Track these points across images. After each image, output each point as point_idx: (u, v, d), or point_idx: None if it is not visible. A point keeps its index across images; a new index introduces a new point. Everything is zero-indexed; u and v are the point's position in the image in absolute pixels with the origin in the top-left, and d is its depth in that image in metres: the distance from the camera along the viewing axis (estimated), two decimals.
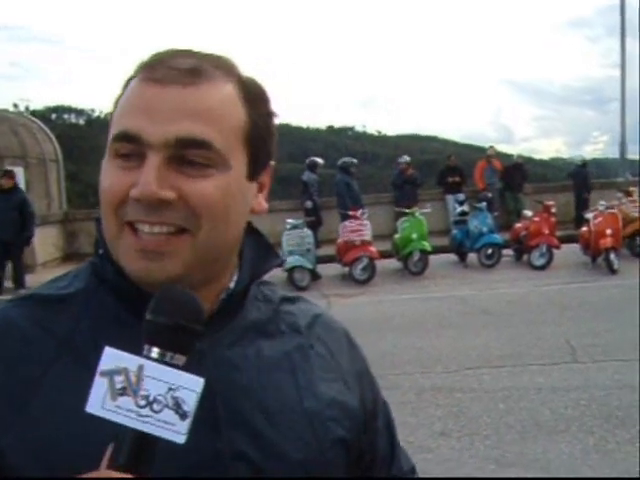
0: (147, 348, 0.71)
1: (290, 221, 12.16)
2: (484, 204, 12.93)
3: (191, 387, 0.69)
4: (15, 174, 11.66)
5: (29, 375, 0.82)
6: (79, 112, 67.61)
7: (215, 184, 0.82)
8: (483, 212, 12.72)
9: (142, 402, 0.69)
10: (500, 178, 16.10)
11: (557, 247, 11.92)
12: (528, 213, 12.80)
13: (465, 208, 13.37)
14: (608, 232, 11.14)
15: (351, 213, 12.16)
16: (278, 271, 10.72)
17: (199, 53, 0.87)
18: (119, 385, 0.69)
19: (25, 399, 0.81)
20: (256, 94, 0.89)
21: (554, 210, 12.49)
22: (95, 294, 0.89)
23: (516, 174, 16.11)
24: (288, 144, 58.01)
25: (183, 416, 0.69)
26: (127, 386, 0.69)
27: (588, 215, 12.18)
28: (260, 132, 0.88)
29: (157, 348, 0.71)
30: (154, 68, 0.83)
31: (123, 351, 0.70)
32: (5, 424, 0.80)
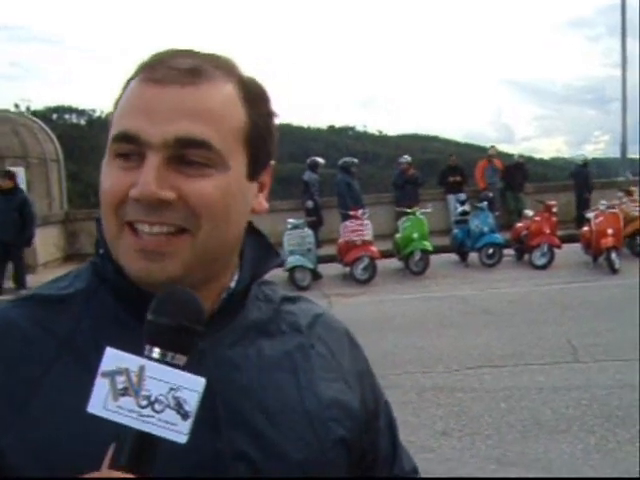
0: (148, 348, 0.71)
1: (291, 221, 12.16)
2: (485, 204, 12.93)
3: (192, 387, 0.69)
4: (15, 175, 11.64)
5: (30, 375, 0.82)
6: (80, 112, 67.58)
7: (214, 184, 0.82)
8: (484, 212, 12.72)
9: (144, 402, 0.69)
10: (501, 178, 16.10)
11: (558, 247, 11.92)
12: (529, 213, 12.80)
13: (466, 208, 13.36)
14: (609, 232, 11.14)
15: (352, 213, 12.16)
16: (279, 271, 10.72)
17: (199, 53, 0.87)
18: (121, 385, 0.69)
19: (26, 399, 0.81)
20: (256, 94, 0.89)
21: (555, 210, 12.49)
22: (96, 294, 0.89)
23: (517, 174, 16.11)
24: (289, 144, 57.95)
25: (185, 416, 0.69)
26: (129, 386, 0.69)
27: (589, 215, 12.18)
28: (260, 132, 0.88)
29: (158, 348, 0.71)
30: (154, 68, 0.83)
31: (124, 351, 0.70)
32: (6, 424, 0.80)
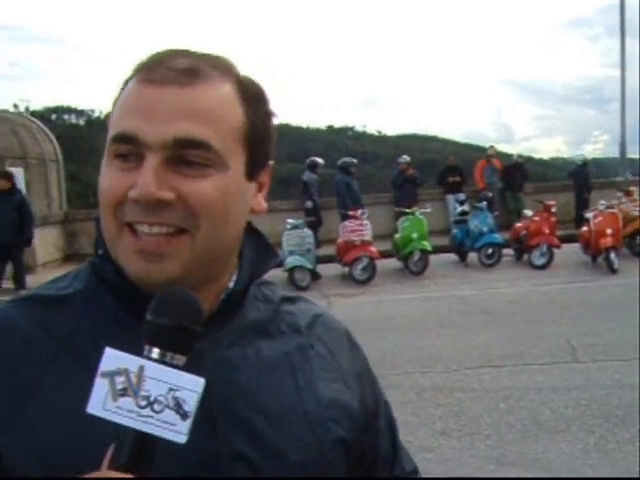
0: (147, 349, 0.71)
1: (290, 221, 12.16)
2: (484, 204, 12.93)
3: (192, 387, 0.69)
4: (13, 175, 11.62)
5: (29, 375, 0.82)
6: (79, 112, 67.48)
7: (213, 184, 0.82)
8: (483, 212, 12.72)
9: (143, 402, 0.69)
10: (500, 178, 16.10)
11: (557, 247, 11.92)
12: (528, 213, 12.80)
13: (465, 208, 13.36)
14: (608, 232, 11.14)
15: (351, 213, 12.16)
16: (278, 271, 10.72)
17: (196, 53, 0.87)
18: (120, 386, 0.69)
19: (25, 399, 0.81)
20: (254, 94, 0.89)
21: (554, 210, 12.49)
22: (95, 294, 0.89)
23: (516, 174, 16.11)
24: (288, 144, 57.92)
25: (184, 416, 0.69)
26: (128, 387, 0.69)
27: (588, 215, 12.17)
28: (258, 132, 0.88)
29: (158, 349, 0.71)
30: (151, 69, 0.83)
31: (123, 351, 0.70)
32: (5, 424, 0.80)
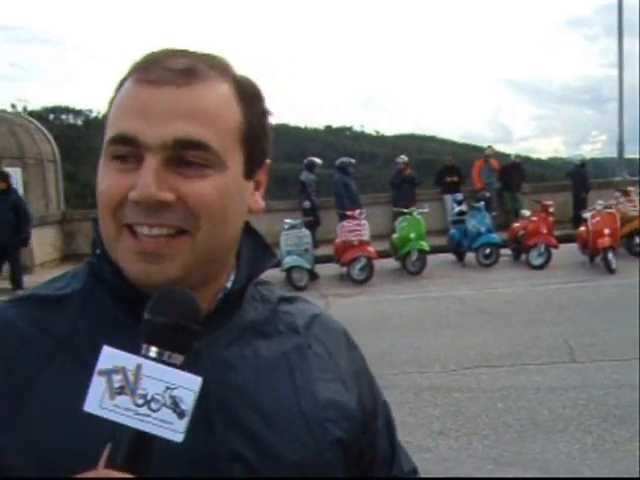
0: (145, 347, 0.71)
1: (288, 221, 12.16)
2: (482, 204, 12.93)
3: (189, 386, 0.69)
4: (9, 175, 11.61)
5: (27, 375, 0.82)
6: (77, 112, 67.31)
7: (213, 184, 0.82)
8: (481, 212, 12.73)
9: (140, 401, 0.69)
10: (498, 178, 16.11)
11: (555, 247, 11.93)
12: (526, 213, 12.81)
13: (463, 208, 13.36)
14: (606, 232, 11.15)
15: (349, 213, 12.17)
16: (276, 271, 10.73)
17: (193, 53, 0.86)
18: (117, 384, 0.69)
19: (23, 399, 0.81)
20: (251, 93, 0.89)
21: (552, 210, 12.50)
22: (92, 294, 0.89)
23: (514, 174, 16.12)
24: (286, 144, 57.88)
25: (181, 415, 0.69)
26: (125, 385, 0.69)
27: (586, 215, 12.19)
28: (255, 131, 0.88)
29: (155, 347, 0.71)
30: (148, 69, 0.83)
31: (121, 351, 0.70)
32: (3, 424, 0.80)
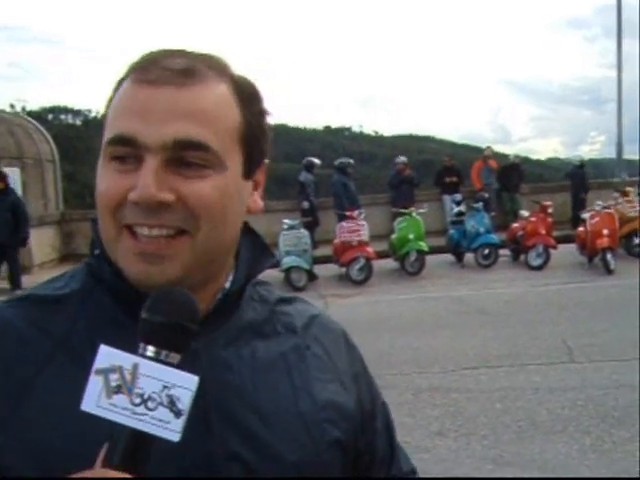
0: (142, 346, 0.71)
1: (287, 221, 12.16)
2: (481, 204, 12.93)
3: (186, 385, 0.69)
4: (7, 176, 11.59)
5: (25, 375, 0.82)
6: (76, 112, 67.22)
7: (213, 185, 0.82)
8: (480, 212, 12.73)
9: (137, 400, 0.69)
10: (497, 178, 16.10)
11: (554, 247, 11.93)
12: (525, 213, 12.81)
13: (462, 208, 13.36)
14: (605, 232, 11.15)
15: (348, 213, 12.17)
16: (275, 271, 10.72)
17: (191, 53, 0.86)
18: (114, 383, 0.69)
19: (21, 399, 0.81)
20: (249, 93, 0.89)
21: (551, 210, 12.51)
22: (91, 295, 0.89)
23: (513, 174, 16.11)
24: (285, 144, 57.90)
25: (178, 414, 0.69)
26: (122, 384, 0.69)
27: (585, 215, 12.18)
28: (254, 131, 0.88)
29: (152, 346, 0.71)
30: (146, 69, 0.83)
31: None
32: (1, 424, 0.80)
